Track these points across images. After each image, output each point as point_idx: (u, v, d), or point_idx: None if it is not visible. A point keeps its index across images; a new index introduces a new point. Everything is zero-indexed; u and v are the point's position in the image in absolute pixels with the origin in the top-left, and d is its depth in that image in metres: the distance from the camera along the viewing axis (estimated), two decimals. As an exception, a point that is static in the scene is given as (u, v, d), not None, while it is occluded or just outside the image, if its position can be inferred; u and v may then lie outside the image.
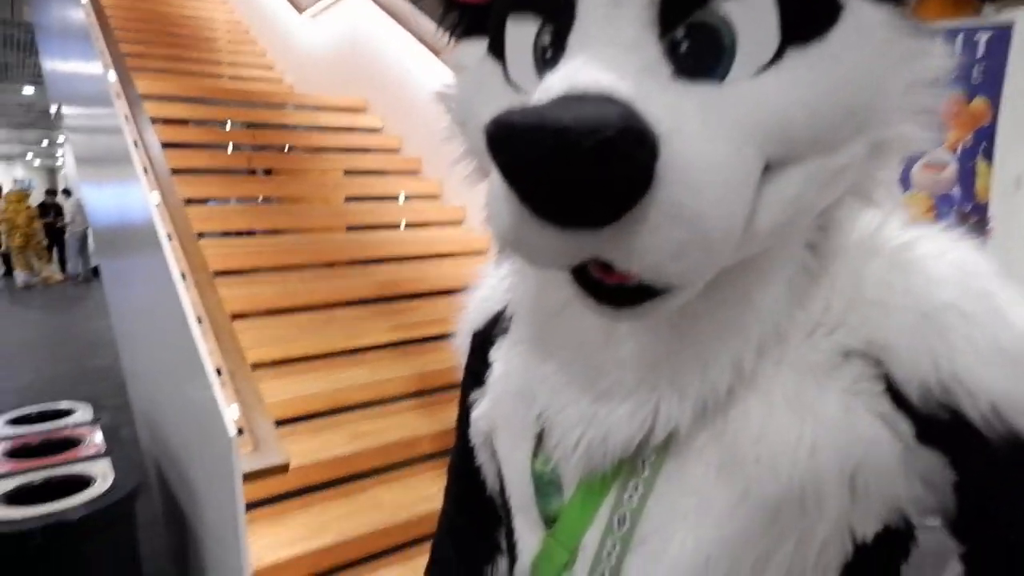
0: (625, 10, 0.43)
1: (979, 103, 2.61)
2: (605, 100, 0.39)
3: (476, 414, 0.70)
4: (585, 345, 0.56)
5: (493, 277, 0.73)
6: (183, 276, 2.16)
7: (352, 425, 2.63)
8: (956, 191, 2.63)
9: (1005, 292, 0.50)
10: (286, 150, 4.79)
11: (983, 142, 2.62)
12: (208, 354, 1.85)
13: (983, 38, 2.58)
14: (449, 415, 2.57)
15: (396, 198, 4.31)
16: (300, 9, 5.49)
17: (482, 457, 0.73)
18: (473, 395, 0.71)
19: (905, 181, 2.66)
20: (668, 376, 0.51)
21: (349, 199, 4.23)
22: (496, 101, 0.49)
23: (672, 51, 0.43)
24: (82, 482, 1.96)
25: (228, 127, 5.08)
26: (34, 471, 2.04)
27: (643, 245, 0.41)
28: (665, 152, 0.39)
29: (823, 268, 0.52)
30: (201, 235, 3.11)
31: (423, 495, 2.42)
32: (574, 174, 0.37)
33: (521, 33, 0.50)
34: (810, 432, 0.49)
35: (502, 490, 0.68)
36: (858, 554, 0.50)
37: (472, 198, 4.21)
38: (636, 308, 0.46)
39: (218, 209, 4.10)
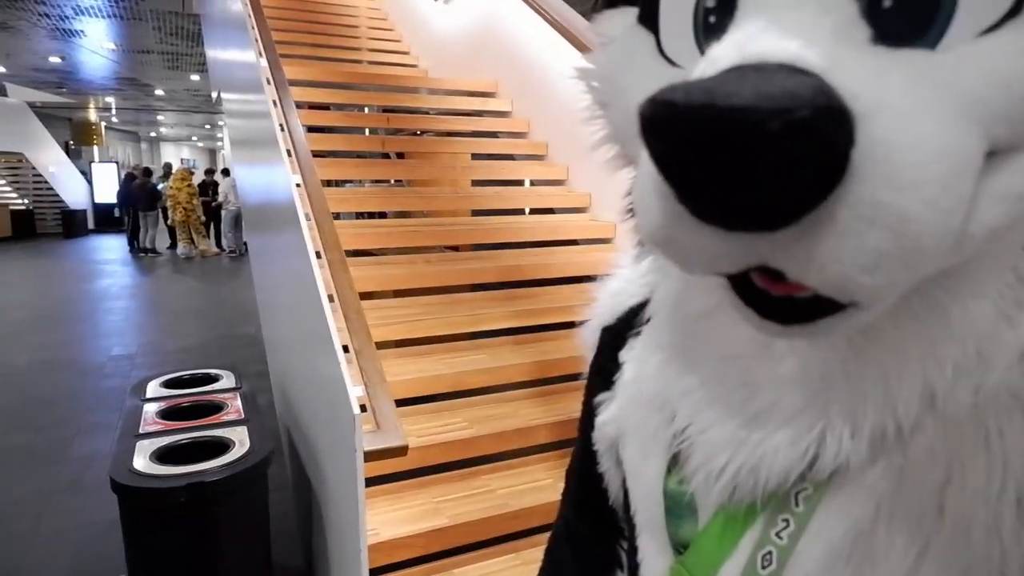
0: None
1: None
2: (792, 71, 0.31)
3: (602, 418, 0.64)
4: (737, 359, 0.48)
5: (628, 270, 0.67)
6: (318, 255, 2.25)
7: (470, 409, 2.65)
8: None
9: None
10: (419, 134, 4.92)
11: None
12: (337, 331, 1.91)
13: None
14: (565, 406, 2.53)
15: (522, 183, 4.30)
16: (436, -6, 5.59)
17: (605, 464, 0.67)
18: (600, 396, 0.65)
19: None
20: (840, 401, 0.43)
21: (476, 183, 4.27)
22: (648, 78, 0.42)
23: (872, 10, 0.35)
24: (222, 446, 2.10)
25: (366, 111, 5.31)
26: (182, 432, 2.21)
27: (828, 253, 0.33)
28: (863, 137, 0.31)
29: None
30: (336, 216, 3.25)
31: (535, 485, 2.41)
32: (754, 165, 0.30)
33: (680, 0, 0.42)
34: (1013, 477, 0.40)
35: (626, 503, 0.62)
36: None
37: (598, 184, 4.15)
38: (808, 326, 0.38)
39: (353, 191, 4.28)
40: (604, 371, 0.65)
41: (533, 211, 4.12)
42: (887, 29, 0.34)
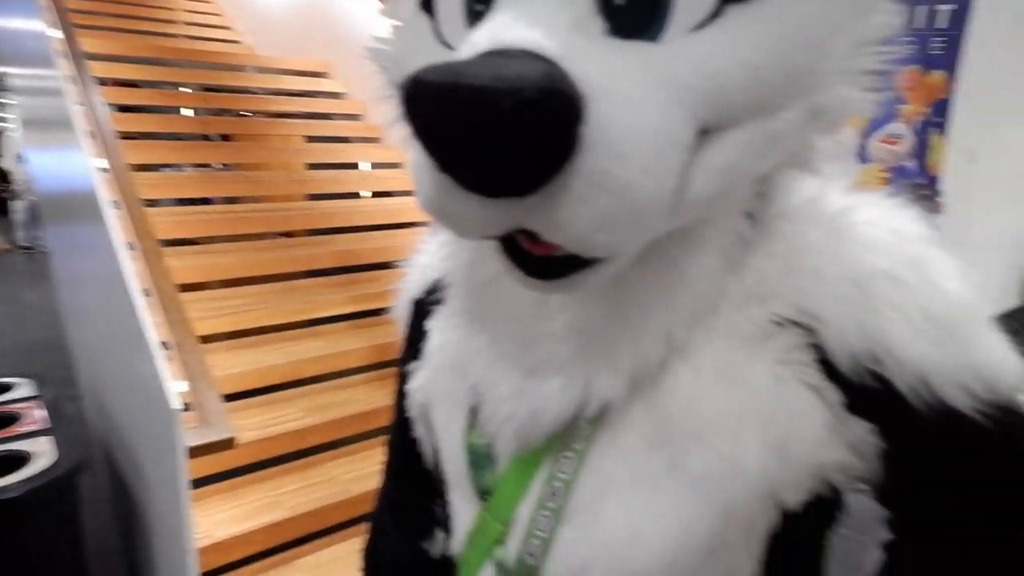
0: None
1: (937, 76, 2.61)
2: (530, 57, 0.36)
3: (412, 386, 0.68)
4: (517, 318, 0.54)
5: (433, 244, 0.71)
6: (130, 246, 2.08)
7: (308, 398, 2.60)
8: (911, 164, 2.64)
9: (940, 260, 0.49)
10: (244, 115, 4.65)
11: (939, 116, 2.64)
12: (154, 327, 1.79)
13: (947, 9, 2.58)
14: (404, 388, 2.50)
15: (358, 166, 4.22)
16: (258, -33, 5.29)
17: (419, 430, 0.71)
18: (410, 365, 0.69)
19: (862, 154, 2.67)
20: (600, 349, 0.50)
21: (311, 166, 4.13)
22: (426, 60, 0.45)
23: (606, 6, 0.40)
24: (20, 459, 1.89)
25: (181, 90, 4.92)
26: (-30, 448, 1.97)
27: (567, 215, 0.38)
28: (592, 115, 0.36)
29: (759, 237, 0.50)
30: (153, 202, 3.02)
31: (378, 469, 2.41)
32: (492, 138, 0.34)
33: None
34: (738, 403, 0.48)
35: (438, 463, 0.67)
36: (786, 523, 0.49)
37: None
38: (564, 280, 0.44)
39: (172, 176, 3.97)
40: (413, 341, 0.69)
41: (374, 194, 4.07)
42: (619, 23, 0.40)
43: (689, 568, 0.50)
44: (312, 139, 4.27)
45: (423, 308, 0.68)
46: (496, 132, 0.34)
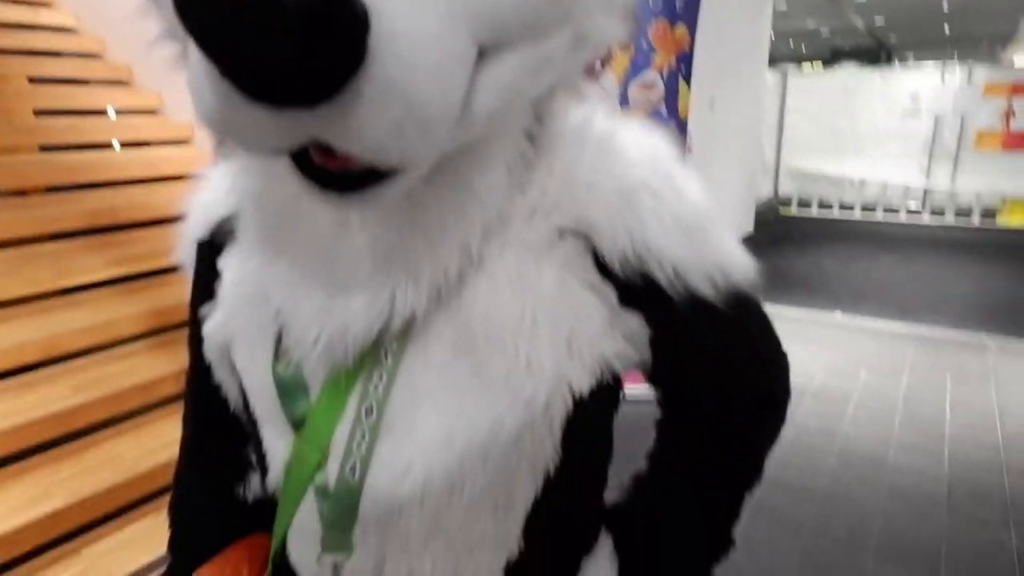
0: None
1: (681, 29, 2.95)
2: None
3: (209, 328, 0.65)
4: (318, 238, 0.54)
5: (215, 179, 0.67)
6: None
7: (74, 375, 2.31)
8: (663, 109, 2.98)
9: (685, 175, 0.59)
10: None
11: (683, 65, 2.99)
12: None
13: (682, -23, 2.90)
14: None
15: (104, 112, 3.70)
16: None
17: (221, 373, 0.69)
18: (204, 309, 0.66)
19: (623, 99, 2.95)
20: (402, 264, 0.52)
21: (40, 113, 3.53)
22: None
23: None
24: None
25: None
26: None
27: (361, 124, 0.39)
28: (378, 25, 0.37)
29: (540, 156, 0.56)
30: None
31: (166, 441, 2.24)
32: (277, 43, 0.34)
33: None
34: (531, 306, 0.54)
35: (246, 404, 0.65)
36: (577, 408, 0.57)
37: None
38: (362, 193, 0.45)
39: None
40: (204, 283, 0.66)
41: (124, 145, 3.60)
42: None
43: (500, 457, 0.55)
44: (38, 80, 3.64)
45: (212, 247, 0.65)
46: (281, 37, 0.34)
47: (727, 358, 0.62)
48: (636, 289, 0.55)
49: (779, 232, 7.73)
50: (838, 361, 3.88)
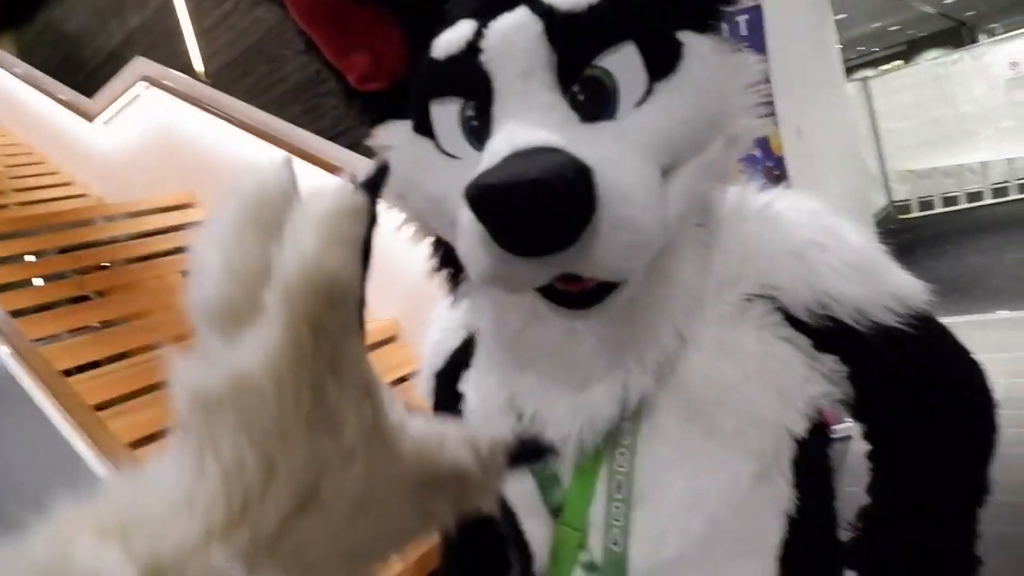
0: (534, 80, 0.53)
1: (755, 76, 3.02)
2: (548, 151, 0.49)
3: None
4: (555, 351, 0.65)
5: (442, 319, 0.81)
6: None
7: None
8: (757, 152, 3.01)
9: (844, 224, 0.67)
10: (105, 266, 4.45)
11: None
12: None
13: (743, 20, 3.00)
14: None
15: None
16: (90, 118, 5.16)
17: None
18: None
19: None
20: (628, 353, 0.62)
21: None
22: (436, 170, 0.58)
23: (574, 102, 0.55)
24: None
25: (35, 259, 4.65)
26: None
27: (600, 254, 0.51)
28: (600, 180, 0.49)
29: (714, 239, 0.65)
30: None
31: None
32: (548, 212, 0.47)
33: (446, 112, 0.59)
34: (741, 367, 0.61)
35: (503, 505, 0.73)
36: (801, 449, 0.63)
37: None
38: (601, 304, 0.56)
39: (53, 348, 3.73)
40: (448, 407, 0.77)
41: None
42: (586, 113, 0.55)
43: (744, 505, 0.61)
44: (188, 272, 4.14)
45: (449, 376, 0.77)
46: (552, 207, 0.47)
47: (922, 376, 0.66)
48: (827, 332, 0.62)
49: (906, 239, 7.29)
50: (1016, 363, 3.54)
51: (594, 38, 0.53)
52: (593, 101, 0.54)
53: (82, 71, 5.60)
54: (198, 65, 4.52)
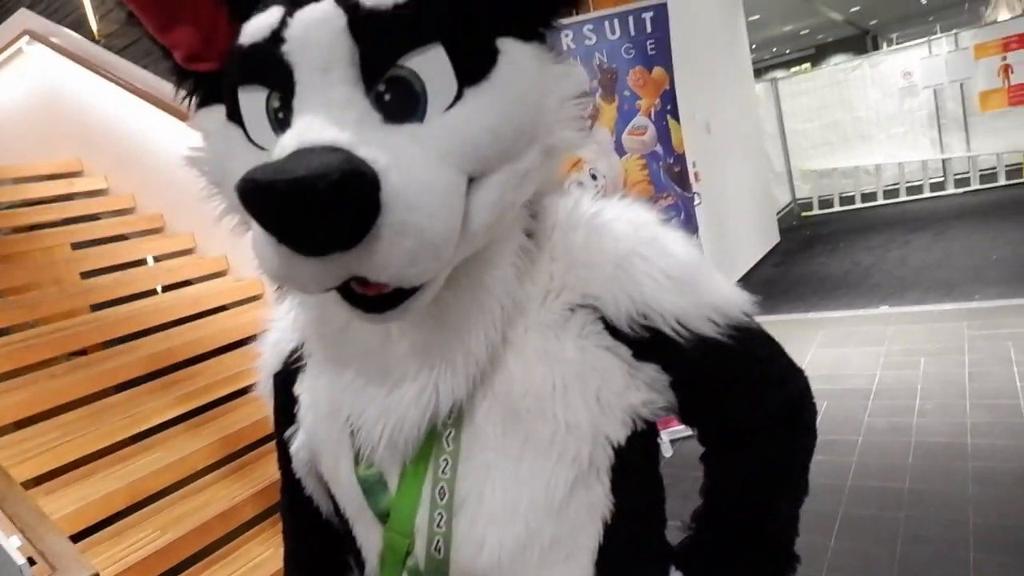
0: (334, 75, 0.52)
1: (658, 72, 3.09)
2: (329, 150, 0.48)
3: (295, 447, 0.75)
4: (371, 351, 0.64)
5: (278, 320, 0.78)
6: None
7: (159, 515, 2.41)
8: (659, 148, 3.09)
9: (667, 235, 0.68)
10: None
11: (668, 103, 3.11)
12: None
13: (648, 17, 3.06)
14: (263, 472, 2.47)
15: (144, 262, 3.95)
16: (-35, 73, 4.73)
17: (310, 486, 0.78)
18: (288, 432, 0.76)
19: (620, 149, 3.06)
20: (439, 358, 0.61)
21: (86, 274, 3.78)
22: (244, 161, 0.56)
23: (379, 102, 0.53)
24: None
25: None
26: None
27: (384, 259, 0.50)
28: (385, 183, 0.49)
29: (540, 247, 0.65)
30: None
31: (254, 564, 2.31)
32: (315, 212, 0.46)
33: (253, 100, 0.57)
34: (560, 376, 0.62)
35: (336, 508, 0.74)
36: (619, 457, 0.64)
37: (233, 245, 4.02)
38: (396, 309, 0.56)
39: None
40: (285, 410, 0.76)
41: (166, 288, 3.82)
42: (391, 113, 0.53)
43: (560, 513, 0.63)
44: (79, 245, 3.91)
45: (286, 378, 0.75)
46: (316, 208, 0.46)
47: (741, 385, 0.68)
48: (647, 343, 0.63)
49: (806, 235, 7.68)
50: (895, 355, 3.81)
51: (399, 37, 0.52)
52: (399, 102, 0.53)
53: (-41, 21, 5.11)
54: (93, 24, 4.21)
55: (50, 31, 4.21)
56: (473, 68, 0.54)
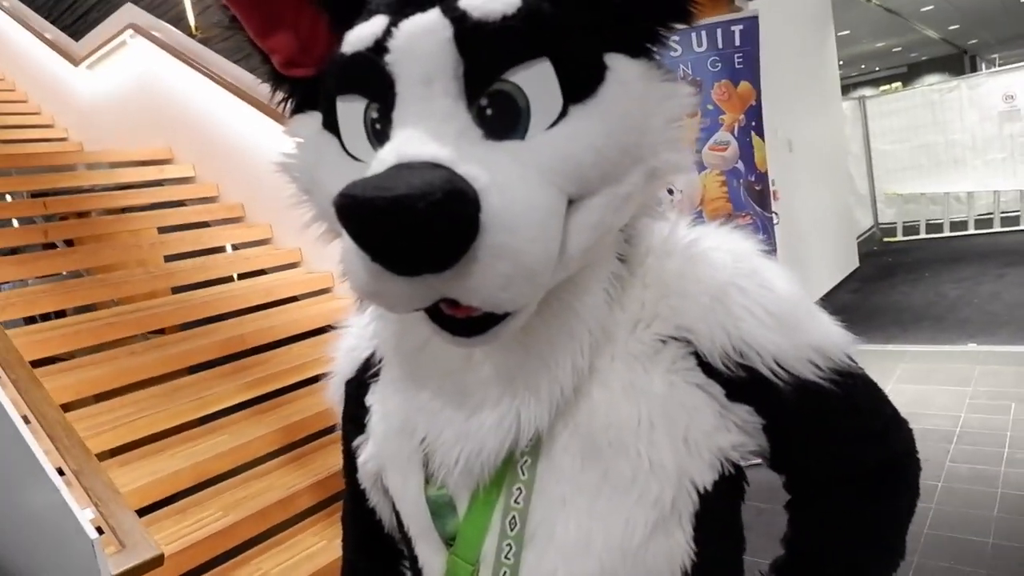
0: (436, 87, 0.50)
1: (744, 86, 2.99)
2: (430, 167, 0.46)
3: (362, 459, 0.74)
4: (451, 373, 0.62)
5: (355, 326, 0.77)
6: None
7: (222, 497, 2.48)
8: (740, 165, 2.99)
9: (769, 268, 0.63)
10: (87, 215, 4.37)
11: (753, 119, 3.01)
12: (46, 455, 1.67)
13: (737, 30, 2.97)
14: (322, 463, 2.51)
15: (223, 249, 4.10)
16: (75, 61, 5.03)
17: (375, 499, 0.77)
18: (356, 441, 0.74)
19: (700, 166, 2.98)
20: (523, 385, 0.58)
21: (170, 258, 3.95)
22: (338, 172, 0.54)
23: (480, 117, 0.51)
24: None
25: (9, 199, 4.55)
26: None
27: (478, 282, 0.48)
28: (485, 203, 0.46)
29: (633, 273, 0.62)
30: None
31: (308, 553, 2.35)
32: (413, 232, 0.44)
33: (351, 110, 0.55)
34: (646, 411, 0.58)
35: (400, 524, 0.72)
36: (704, 502, 0.60)
37: (306, 237, 4.08)
38: (485, 334, 0.53)
39: (17, 293, 3.66)
40: (355, 418, 0.74)
41: (242, 275, 3.95)
42: (492, 129, 0.51)
43: (636, 556, 0.59)
44: (165, 229, 4.10)
45: (359, 386, 0.74)
46: (415, 227, 0.44)
47: (839, 436, 0.63)
48: (741, 382, 0.59)
49: (887, 263, 7.33)
50: (982, 396, 3.57)
51: (506, 50, 0.49)
52: (501, 118, 0.51)
53: (71, 12, 5.44)
54: (191, 18, 4.40)
55: (152, 25, 4.43)
56: (580, 85, 0.51)
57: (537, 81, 0.50)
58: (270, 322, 3.37)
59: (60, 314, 3.98)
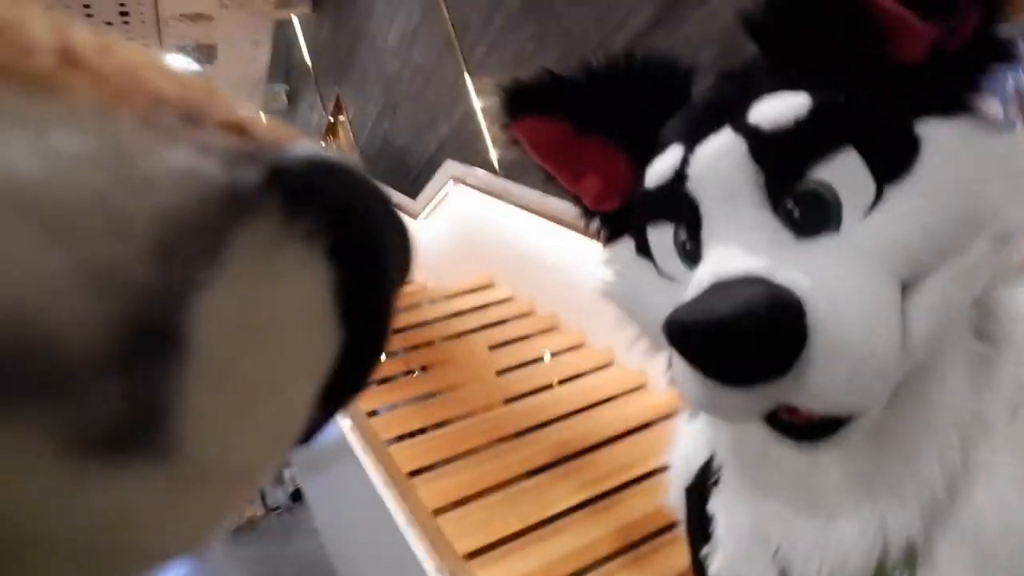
0: (740, 201, 0.51)
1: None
2: (747, 282, 0.47)
3: (713, 570, 0.72)
4: (798, 478, 0.59)
5: (687, 433, 0.78)
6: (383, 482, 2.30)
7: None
8: None
9: None
10: (431, 344, 5.12)
11: None
12: (426, 554, 1.92)
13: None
14: (660, 565, 2.44)
15: (542, 359, 4.43)
16: (414, 216, 6.11)
17: None
18: (704, 551, 0.73)
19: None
20: (883, 489, 0.53)
21: (500, 372, 4.39)
22: (656, 293, 0.58)
23: (788, 219, 0.51)
24: None
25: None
26: None
27: (817, 387, 0.46)
28: (811, 307, 0.45)
29: (999, 349, 0.54)
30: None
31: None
32: (741, 349, 0.45)
33: (661, 235, 0.59)
34: None
35: None
36: None
37: (619, 337, 4.23)
38: (831, 439, 0.50)
39: (390, 415, 4.37)
40: (700, 527, 0.74)
41: (561, 381, 4.21)
42: (803, 229, 0.50)
43: None
44: (493, 347, 4.59)
45: (700, 494, 0.73)
46: (743, 344, 0.45)
47: None
48: None
49: None
50: None
51: (803, 151, 0.49)
52: (811, 216, 0.50)
53: (408, 176, 6.66)
54: (494, 160, 5.09)
55: (466, 173, 5.21)
56: (892, 164, 0.48)
57: (843, 172, 0.48)
58: (593, 424, 3.50)
59: (421, 430, 4.65)
